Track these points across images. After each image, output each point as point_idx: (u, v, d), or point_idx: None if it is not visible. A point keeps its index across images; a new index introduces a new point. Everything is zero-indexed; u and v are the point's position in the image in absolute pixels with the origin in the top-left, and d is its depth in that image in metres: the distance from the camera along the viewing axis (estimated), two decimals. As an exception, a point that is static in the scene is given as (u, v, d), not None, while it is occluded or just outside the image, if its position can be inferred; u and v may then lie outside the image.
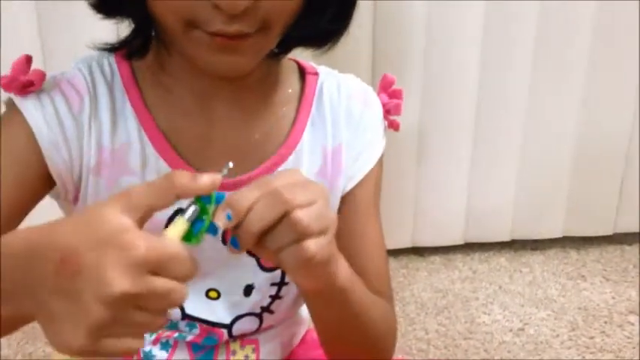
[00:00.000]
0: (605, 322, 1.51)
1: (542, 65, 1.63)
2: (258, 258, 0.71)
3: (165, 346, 0.74)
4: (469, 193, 1.74)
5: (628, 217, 1.83)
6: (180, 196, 0.47)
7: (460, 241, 1.79)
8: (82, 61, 0.67)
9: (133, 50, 0.65)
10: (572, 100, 1.68)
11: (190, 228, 0.48)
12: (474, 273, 1.73)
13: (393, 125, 0.76)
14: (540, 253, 1.82)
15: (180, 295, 0.45)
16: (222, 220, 0.49)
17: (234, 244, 0.51)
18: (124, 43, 0.65)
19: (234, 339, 0.75)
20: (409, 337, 1.46)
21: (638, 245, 1.85)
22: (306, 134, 0.70)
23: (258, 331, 0.76)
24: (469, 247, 1.82)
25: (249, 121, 0.68)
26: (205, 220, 0.49)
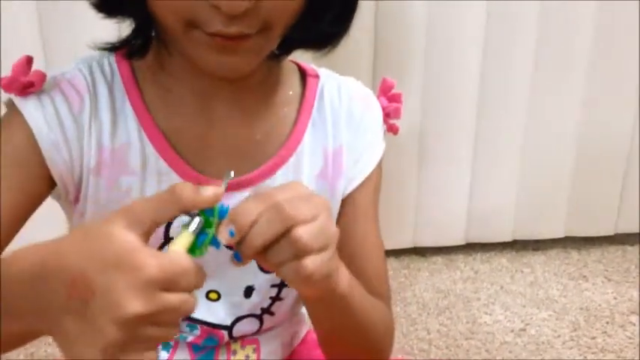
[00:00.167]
0: (607, 323, 1.51)
1: (542, 65, 1.63)
2: None
3: (166, 347, 0.74)
4: (470, 193, 1.74)
5: (629, 217, 1.82)
6: (184, 210, 0.48)
7: (462, 242, 1.79)
8: (82, 61, 0.66)
9: (133, 50, 0.65)
10: (573, 101, 1.68)
11: (195, 240, 0.49)
12: (475, 273, 1.72)
13: (392, 129, 0.76)
14: (542, 253, 1.82)
15: (192, 305, 0.46)
16: (225, 237, 0.50)
17: (237, 257, 0.52)
18: (124, 42, 0.65)
19: (234, 339, 0.75)
20: (411, 337, 1.45)
21: (639, 245, 1.84)
22: (307, 136, 0.70)
23: (258, 332, 0.76)
24: (470, 248, 1.82)
25: (249, 122, 0.68)
26: (209, 233, 0.49)
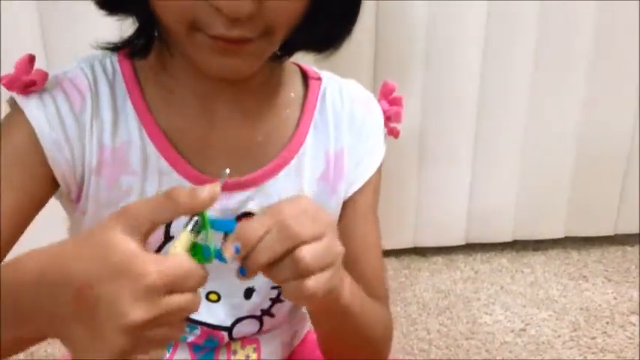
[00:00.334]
0: (607, 323, 1.51)
1: (543, 65, 1.63)
2: None
3: (167, 346, 0.74)
4: (471, 193, 1.74)
5: (629, 217, 1.82)
6: (182, 214, 0.48)
7: (462, 242, 1.79)
8: (84, 60, 0.66)
9: (135, 50, 0.65)
10: (573, 101, 1.68)
11: (196, 244, 0.49)
12: (475, 273, 1.72)
13: (393, 132, 0.76)
14: (542, 253, 1.82)
15: (196, 304, 0.46)
16: (230, 252, 0.50)
17: (242, 272, 0.52)
18: (126, 42, 0.65)
19: (234, 340, 0.75)
20: (411, 337, 1.45)
21: (639, 246, 1.84)
22: (309, 138, 0.70)
23: (258, 333, 0.76)
24: (471, 248, 1.82)
25: (250, 123, 0.68)
26: (210, 246, 0.49)
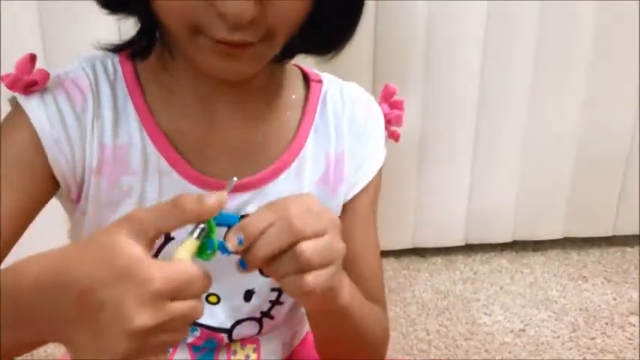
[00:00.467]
0: (606, 323, 1.51)
1: (542, 66, 1.63)
2: None
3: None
4: (470, 193, 1.74)
5: (629, 218, 1.82)
6: (189, 222, 0.48)
7: (461, 242, 1.79)
8: (85, 60, 0.66)
9: (137, 51, 0.65)
10: (572, 101, 1.68)
11: (201, 244, 0.49)
12: (475, 274, 1.73)
13: (393, 136, 0.77)
14: (541, 254, 1.82)
15: (200, 310, 0.46)
16: (233, 243, 0.50)
17: (242, 265, 0.52)
18: (128, 43, 0.65)
19: (234, 341, 0.75)
20: (410, 337, 1.45)
21: (638, 247, 1.84)
22: (310, 141, 0.70)
23: (258, 335, 0.76)
24: (470, 248, 1.82)
25: (251, 124, 0.68)
26: (214, 238, 0.50)
